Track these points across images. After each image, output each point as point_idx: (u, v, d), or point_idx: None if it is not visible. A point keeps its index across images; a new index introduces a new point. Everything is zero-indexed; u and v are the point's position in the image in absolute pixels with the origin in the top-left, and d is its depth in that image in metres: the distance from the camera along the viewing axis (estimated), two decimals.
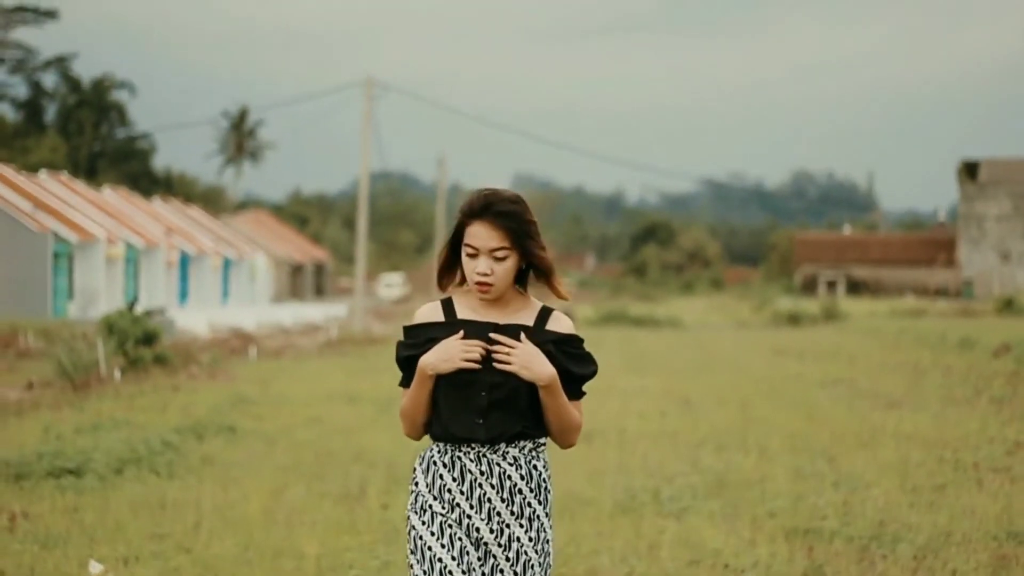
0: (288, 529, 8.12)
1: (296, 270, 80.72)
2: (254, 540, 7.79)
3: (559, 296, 3.93)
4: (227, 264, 62.75)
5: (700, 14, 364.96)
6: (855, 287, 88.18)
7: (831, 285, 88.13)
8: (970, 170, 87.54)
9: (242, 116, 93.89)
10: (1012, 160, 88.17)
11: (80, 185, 52.21)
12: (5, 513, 8.43)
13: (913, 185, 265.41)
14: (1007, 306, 50.35)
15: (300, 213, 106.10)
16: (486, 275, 3.85)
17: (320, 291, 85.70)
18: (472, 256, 3.87)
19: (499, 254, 3.85)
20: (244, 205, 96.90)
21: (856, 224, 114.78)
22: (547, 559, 3.89)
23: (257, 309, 53.26)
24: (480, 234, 3.85)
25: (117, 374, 18.55)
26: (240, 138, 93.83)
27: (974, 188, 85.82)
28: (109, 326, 20.87)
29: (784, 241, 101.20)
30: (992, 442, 12.77)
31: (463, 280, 3.95)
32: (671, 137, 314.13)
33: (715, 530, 8.30)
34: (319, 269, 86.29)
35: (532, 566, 3.86)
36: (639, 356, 27.18)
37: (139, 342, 20.83)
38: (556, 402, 3.85)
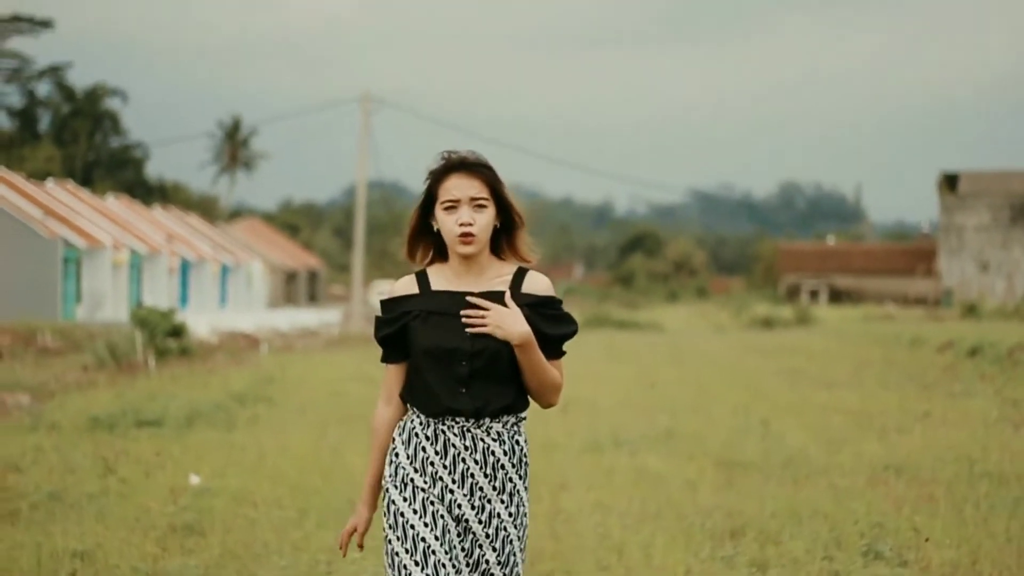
0: (334, 457, 10.58)
1: (291, 277, 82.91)
2: (309, 463, 10.25)
3: (524, 260, 3.99)
4: (225, 270, 64.77)
5: (689, 28, 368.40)
6: (837, 296, 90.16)
7: (814, 294, 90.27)
8: (950, 182, 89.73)
9: (236, 126, 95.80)
10: (991, 172, 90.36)
11: (86, 193, 54.27)
12: (110, 450, 10.84)
13: (902, 197, 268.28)
14: (970, 311, 52.64)
15: (291, 222, 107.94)
16: (469, 224, 3.85)
17: (313, 298, 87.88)
18: (452, 210, 3.87)
19: (479, 203, 3.87)
20: (237, 214, 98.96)
21: (843, 235, 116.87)
22: (524, 531, 3.96)
23: (255, 314, 55.33)
24: (459, 184, 3.86)
25: (151, 362, 20.93)
26: (234, 148, 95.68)
27: (954, 200, 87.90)
28: (141, 320, 23.29)
29: (769, 251, 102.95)
30: (905, 413, 15.13)
31: (431, 259, 4.00)
32: (660, 148, 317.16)
33: (658, 461, 10.80)
34: (313, 276, 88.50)
35: (511, 541, 3.91)
36: (617, 351, 29.49)
37: (168, 335, 23.25)
38: (531, 359, 3.86)
